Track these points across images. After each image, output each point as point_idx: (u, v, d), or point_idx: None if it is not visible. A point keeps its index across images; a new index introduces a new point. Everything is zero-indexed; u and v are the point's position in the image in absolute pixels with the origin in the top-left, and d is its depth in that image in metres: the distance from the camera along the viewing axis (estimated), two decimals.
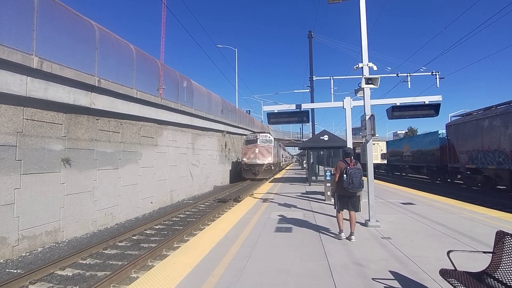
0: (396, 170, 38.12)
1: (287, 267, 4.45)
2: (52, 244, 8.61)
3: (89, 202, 10.22)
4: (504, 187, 17.48)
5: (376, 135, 7.35)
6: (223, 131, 25.86)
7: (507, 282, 2.68)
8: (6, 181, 7.53)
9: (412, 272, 4.17)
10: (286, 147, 68.69)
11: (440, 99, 8.82)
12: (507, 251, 2.80)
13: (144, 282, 4.04)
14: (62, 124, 9.34)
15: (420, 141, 29.63)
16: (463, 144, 20.05)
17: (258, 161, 26.17)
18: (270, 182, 20.89)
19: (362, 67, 7.39)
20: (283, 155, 47.82)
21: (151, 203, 14.07)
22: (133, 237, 9.30)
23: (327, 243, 5.67)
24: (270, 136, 28.73)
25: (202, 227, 9.59)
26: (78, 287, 5.86)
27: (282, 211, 9.18)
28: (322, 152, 18.22)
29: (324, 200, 10.81)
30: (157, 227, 10.61)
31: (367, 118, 7.15)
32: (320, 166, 19.17)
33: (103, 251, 7.93)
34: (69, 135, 9.56)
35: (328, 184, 10.31)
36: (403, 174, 36.48)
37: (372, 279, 3.94)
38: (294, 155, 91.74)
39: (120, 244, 8.61)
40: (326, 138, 15.60)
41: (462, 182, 22.50)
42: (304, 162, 35.05)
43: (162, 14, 51.61)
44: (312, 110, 19.63)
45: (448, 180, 25.00)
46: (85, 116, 10.27)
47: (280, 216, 8.40)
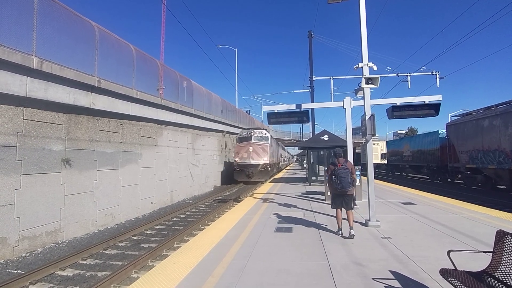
0: (396, 170, 38.12)
1: (287, 267, 4.45)
2: (52, 244, 8.61)
3: (89, 203, 10.22)
4: (504, 187, 17.47)
5: (376, 135, 7.35)
6: (223, 131, 25.83)
7: (508, 282, 2.68)
8: (6, 181, 7.53)
9: (412, 272, 4.17)
10: (286, 147, 68.35)
11: (440, 99, 8.83)
12: (508, 251, 2.80)
13: (144, 282, 4.04)
14: (62, 124, 9.34)
15: (420, 141, 29.62)
16: (463, 143, 20.05)
17: (252, 161, 22.99)
18: (270, 182, 20.89)
19: (362, 67, 7.39)
20: (282, 155, 44.67)
21: (151, 203, 14.07)
22: (133, 237, 9.30)
23: (327, 243, 5.67)
24: (267, 133, 25.39)
25: (202, 227, 9.59)
26: (78, 287, 5.86)
27: (283, 211, 9.18)
28: (322, 152, 18.22)
29: (324, 200, 10.81)
30: (157, 227, 10.61)
31: (367, 118, 7.15)
32: (320, 166, 19.18)
33: (104, 252, 7.93)
34: (69, 136, 9.56)
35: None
36: (403, 174, 36.48)
37: (373, 279, 3.94)
38: (294, 155, 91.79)
39: (120, 244, 8.61)
40: (326, 138, 15.61)
41: (462, 182, 22.50)
42: (304, 162, 35.08)
43: (162, 14, 51.67)
44: (312, 110, 19.65)
45: (448, 180, 25.00)
46: (85, 116, 10.27)
47: (280, 216, 8.40)
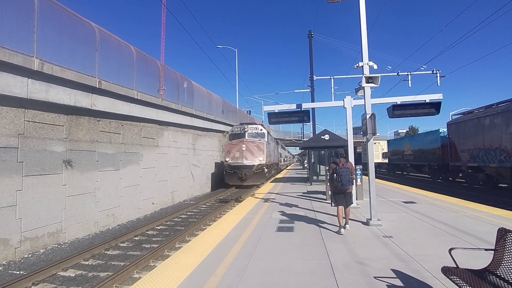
0: (397, 169, 38.07)
1: (289, 266, 4.46)
2: (54, 245, 8.63)
3: (90, 203, 10.24)
4: (506, 185, 17.44)
5: (377, 134, 7.37)
6: (224, 132, 25.84)
7: (509, 279, 2.68)
8: (8, 183, 7.55)
9: (414, 270, 4.17)
10: (287, 147, 68.05)
11: (441, 98, 8.83)
12: (509, 248, 2.80)
13: (146, 282, 4.05)
14: (63, 125, 9.36)
15: (421, 139, 29.59)
16: (465, 142, 20.02)
17: (246, 161, 19.80)
18: (271, 182, 20.89)
19: (362, 66, 7.39)
20: (282, 154, 41.47)
21: (153, 204, 14.09)
22: (135, 237, 9.31)
23: (328, 242, 5.68)
24: (263, 129, 22.17)
25: (204, 227, 9.60)
26: (81, 287, 5.88)
27: (284, 210, 9.19)
28: (323, 152, 18.22)
29: (326, 200, 10.81)
30: (158, 227, 10.62)
31: (368, 117, 7.14)
32: (321, 166, 19.18)
33: (105, 252, 7.94)
34: (70, 137, 9.58)
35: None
36: (405, 173, 36.44)
37: (374, 278, 3.94)
38: (295, 154, 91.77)
39: (122, 245, 8.63)
40: (327, 137, 15.60)
41: (464, 181, 22.47)
42: (305, 161, 35.07)
43: (162, 15, 51.65)
44: (313, 109, 19.64)
45: (450, 178, 24.96)
46: (86, 117, 10.29)
47: (281, 215, 8.41)
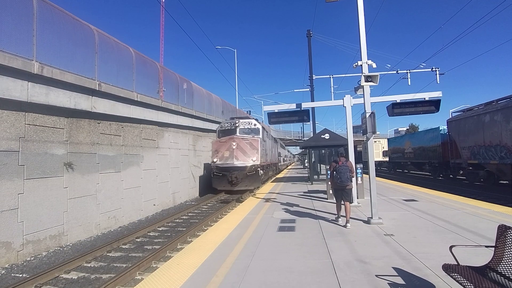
0: (398, 167, 38.08)
1: (290, 266, 4.47)
2: (56, 248, 8.65)
3: (92, 206, 10.26)
4: (507, 182, 17.43)
5: (377, 133, 7.40)
6: None
7: (510, 276, 2.69)
8: (9, 186, 7.57)
9: (416, 268, 4.18)
10: (288, 147, 67.88)
11: (440, 95, 8.86)
12: (510, 245, 2.81)
13: (148, 283, 4.07)
14: (63, 128, 9.38)
15: (422, 137, 29.59)
16: (465, 139, 20.01)
17: (237, 162, 16.90)
18: (272, 182, 20.90)
19: (361, 65, 7.41)
20: (281, 154, 38.32)
21: (154, 205, 14.10)
22: (136, 239, 9.33)
23: (330, 241, 5.69)
24: (257, 124, 19.19)
25: (205, 228, 9.61)
26: None
27: (285, 210, 9.20)
28: (323, 151, 18.24)
29: (327, 199, 10.82)
30: (160, 229, 10.64)
31: (368, 115, 7.16)
32: (321, 165, 19.19)
33: (107, 254, 7.96)
34: (71, 139, 9.60)
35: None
36: (405, 171, 36.45)
37: (376, 276, 3.96)
38: (296, 154, 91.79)
39: (124, 246, 8.64)
40: (327, 136, 15.62)
41: (465, 178, 22.48)
42: (306, 161, 35.07)
43: (161, 16, 51.85)
44: (313, 109, 19.65)
45: (451, 176, 24.95)
46: (86, 120, 10.31)
47: (282, 215, 8.42)
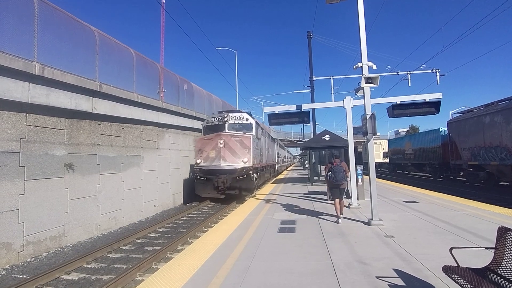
0: (398, 168, 38.07)
1: (291, 267, 4.48)
2: (56, 249, 8.65)
3: (92, 207, 10.26)
4: (507, 183, 17.42)
5: (378, 134, 7.40)
6: None
7: (510, 277, 2.69)
8: (10, 187, 7.58)
9: (416, 269, 4.18)
10: (288, 147, 67.67)
11: (441, 97, 8.86)
12: (510, 247, 2.81)
13: (149, 284, 4.07)
14: (64, 129, 9.39)
15: (422, 138, 29.60)
16: (465, 140, 20.01)
17: (225, 163, 14.47)
18: (272, 183, 20.89)
19: (362, 67, 7.42)
20: (280, 154, 35.35)
21: (154, 206, 14.10)
22: (137, 240, 9.33)
23: (330, 242, 5.69)
24: (249, 118, 16.58)
25: (206, 229, 9.61)
26: None
27: (285, 211, 9.20)
28: (323, 152, 18.25)
29: (327, 200, 10.81)
30: (160, 230, 10.64)
31: (368, 117, 7.17)
32: (322, 166, 19.18)
33: (108, 255, 7.96)
34: (71, 140, 9.61)
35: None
36: (406, 172, 36.44)
37: (376, 277, 3.96)
38: (296, 155, 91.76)
39: (124, 247, 8.64)
40: (327, 138, 15.63)
41: (465, 179, 22.46)
42: (306, 162, 35.04)
43: (161, 17, 51.96)
44: (313, 110, 19.68)
45: (451, 177, 24.94)
46: (87, 121, 10.33)
47: (283, 216, 8.42)
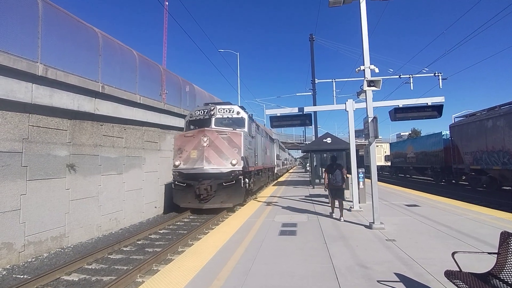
0: (400, 171, 37.97)
1: (292, 270, 4.46)
2: (57, 249, 8.66)
3: (93, 207, 10.28)
4: (510, 188, 17.33)
5: (380, 137, 7.39)
6: None
7: None
8: (12, 187, 7.61)
9: (417, 273, 4.15)
10: (289, 150, 67.50)
11: (443, 100, 8.82)
12: None
13: (149, 286, 4.06)
14: (66, 130, 9.43)
15: (424, 142, 29.54)
16: (467, 145, 19.95)
17: (209, 166, 12.30)
18: (273, 186, 20.86)
19: (364, 70, 7.41)
20: (280, 156, 32.22)
21: (155, 207, 14.10)
22: (137, 241, 9.32)
23: (331, 246, 5.67)
24: (241, 112, 14.44)
25: (207, 231, 9.60)
26: None
27: (286, 214, 9.18)
28: (325, 155, 18.20)
29: (328, 203, 10.77)
30: (161, 231, 10.63)
31: (370, 120, 7.16)
32: (323, 169, 19.12)
33: (109, 256, 7.95)
34: (73, 141, 9.64)
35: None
36: (407, 176, 36.31)
37: (377, 281, 3.93)
38: (297, 158, 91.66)
39: (125, 249, 8.64)
40: (329, 140, 15.60)
41: (467, 183, 22.35)
42: (307, 165, 34.97)
43: (164, 20, 52.21)
44: (315, 113, 19.70)
45: (453, 181, 24.85)
46: (89, 122, 10.37)
47: (284, 219, 8.40)
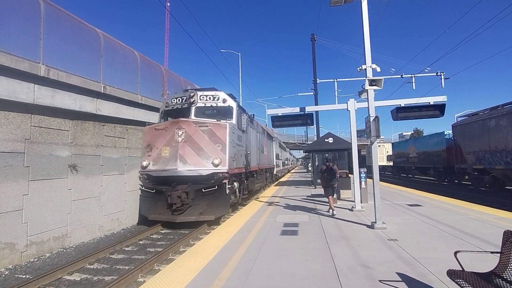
0: (402, 171, 37.84)
1: (293, 270, 4.45)
2: (59, 249, 8.68)
3: (95, 208, 10.30)
4: None
5: (381, 137, 7.38)
6: None
7: None
8: (14, 187, 7.64)
9: (420, 273, 4.13)
10: (291, 150, 67.39)
11: (445, 100, 8.77)
12: None
13: (151, 285, 4.06)
14: (68, 130, 9.46)
15: (426, 142, 29.43)
16: (470, 144, 19.85)
17: (184, 167, 10.08)
18: (275, 186, 20.83)
19: (366, 69, 7.39)
20: (280, 156, 30.36)
21: None
22: (139, 241, 9.33)
23: (333, 246, 5.65)
24: (229, 99, 12.05)
25: (208, 231, 9.60)
26: None
27: (288, 214, 9.17)
28: (327, 155, 18.15)
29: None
30: (163, 231, 10.63)
31: (372, 119, 7.14)
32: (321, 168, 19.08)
33: (110, 256, 7.96)
34: (75, 142, 9.67)
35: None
36: (410, 176, 36.20)
37: (379, 281, 3.92)
38: (299, 158, 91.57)
39: (126, 249, 8.65)
40: (331, 140, 15.58)
41: (470, 183, 22.25)
42: (309, 165, 34.93)
43: (166, 20, 52.35)
44: (316, 112, 19.66)
45: (456, 181, 24.74)
46: (91, 122, 10.39)
47: (285, 219, 8.39)
